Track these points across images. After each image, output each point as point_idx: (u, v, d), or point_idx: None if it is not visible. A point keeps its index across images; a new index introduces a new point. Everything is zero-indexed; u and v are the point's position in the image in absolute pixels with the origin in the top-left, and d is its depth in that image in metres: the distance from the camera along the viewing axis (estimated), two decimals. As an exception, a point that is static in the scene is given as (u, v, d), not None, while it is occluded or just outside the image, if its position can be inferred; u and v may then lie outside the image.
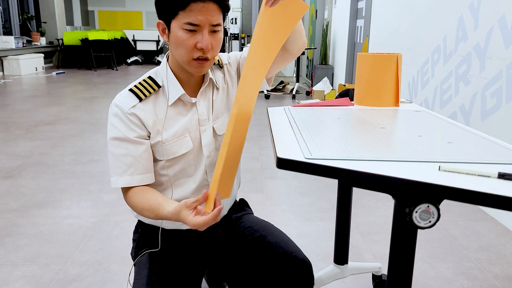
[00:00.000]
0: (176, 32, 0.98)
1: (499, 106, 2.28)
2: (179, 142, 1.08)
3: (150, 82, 1.07)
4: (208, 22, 0.96)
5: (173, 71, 1.08)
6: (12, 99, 5.90)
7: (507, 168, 0.74)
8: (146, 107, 1.05)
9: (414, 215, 0.72)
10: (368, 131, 1.01)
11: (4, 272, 1.75)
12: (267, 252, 1.14)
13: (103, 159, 3.27)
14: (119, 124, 1.03)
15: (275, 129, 1.02)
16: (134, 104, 1.04)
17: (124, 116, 1.03)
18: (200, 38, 0.97)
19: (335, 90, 5.83)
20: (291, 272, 1.12)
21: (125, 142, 1.03)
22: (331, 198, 2.57)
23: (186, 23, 0.95)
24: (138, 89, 1.06)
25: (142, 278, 1.08)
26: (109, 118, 1.06)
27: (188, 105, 1.10)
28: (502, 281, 1.74)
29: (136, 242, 1.21)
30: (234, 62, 1.20)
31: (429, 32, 3.16)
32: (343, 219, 1.51)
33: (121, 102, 1.04)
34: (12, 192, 2.60)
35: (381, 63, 1.32)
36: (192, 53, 0.98)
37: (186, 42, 0.97)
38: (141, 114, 1.04)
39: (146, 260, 1.13)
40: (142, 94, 1.05)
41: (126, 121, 1.03)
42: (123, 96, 1.05)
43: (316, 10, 7.34)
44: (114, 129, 1.04)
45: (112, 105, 1.06)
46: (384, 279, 1.61)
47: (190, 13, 0.94)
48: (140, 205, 1.01)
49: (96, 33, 10.18)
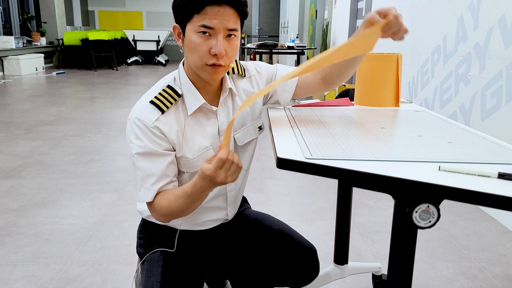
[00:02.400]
0: (190, 36, 0.94)
1: (499, 106, 2.28)
2: (203, 156, 1.05)
3: (170, 91, 1.02)
4: (223, 26, 0.92)
5: (190, 78, 1.04)
6: (12, 99, 5.90)
7: (507, 168, 0.74)
8: (168, 119, 1.00)
9: (414, 215, 0.72)
10: (368, 131, 1.01)
11: (4, 272, 1.76)
12: (273, 240, 1.17)
13: (103, 159, 3.27)
14: (143, 139, 0.98)
15: (275, 129, 1.02)
16: (157, 117, 0.99)
17: (148, 130, 0.98)
18: (215, 43, 0.93)
19: (335, 90, 5.83)
20: (297, 259, 1.15)
21: (152, 156, 0.99)
22: (331, 198, 2.57)
23: (200, 25, 0.92)
24: (159, 100, 1.00)
25: (156, 275, 1.07)
26: (130, 132, 1.00)
27: (209, 113, 1.06)
28: (502, 281, 1.74)
29: (144, 240, 1.20)
30: (264, 74, 1.17)
31: (429, 32, 3.16)
32: (343, 219, 1.51)
33: (143, 115, 0.99)
34: (12, 192, 2.60)
35: (381, 63, 1.32)
36: (206, 58, 0.95)
37: (199, 47, 0.94)
38: (165, 128, 1.00)
39: (159, 257, 1.13)
40: (163, 105, 1.00)
41: (150, 135, 0.98)
42: (143, 108, 1.00)
43: (316, 10, 7.34)
44: (138, 144, 0.99)
45: (133, 119, 0.99)
46: (384, 279, 1.61)
47: (205, 16, 0.91)
48: (167, 202, 0.98)
49: (96, 33, 10.18)
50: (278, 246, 1.16)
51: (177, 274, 1.09)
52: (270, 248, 1.14)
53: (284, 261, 1.13)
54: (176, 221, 1.14)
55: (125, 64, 11.65)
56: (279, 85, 1.17)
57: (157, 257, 1.13)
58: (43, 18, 10.74)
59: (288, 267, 1.12)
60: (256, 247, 1.18)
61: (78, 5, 12.88)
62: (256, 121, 1.16)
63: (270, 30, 13.48)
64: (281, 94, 1.20)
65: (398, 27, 0.92)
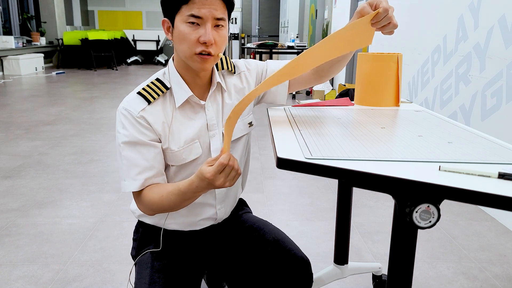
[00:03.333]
0: (179, 26, 0.96)
1: (499, 106, 2.28)
2: (189, 148, 1.06)
3: (158, 84, 1.05)
4: (211, 15, 0.95)
5: (179, 72, 1.06)
6: (12, 99, 5.90)
7: (507, 168, 0.74)
8: (154, 110, 1.03)
9: (414, 215, 0.72)
10: (368, 131, 1.00)
11: (4, 272, 1.75)
12: (266, 250, 1.15)
13: (103, 159, 3.27)
14: (129, 128, 1.01)
15: (275, 129, 1.01)
16: (143, 108, 1.01)
17: (133, 120, 1.01)
18: (203, 32, 0.95)
19: (335, 90, 5.83)
20: (290, 270, 1.12)
21: (138, 146, 1.01)
22: (331, 198, 2.57)
23: (189, 15, 0.94)
24: (146, 91, 1.03)
25: (144, 277, 1.07)
26: (117, 122, 1.03)
27: (196, 107, 1.07)
28: (502, 281, 1.74)
29: (136, 242, 1.21)
30: (254, 70, 1.18)
31: (429, 32, 3.16)
32: (343, 219, 1.51)
33: (130, 106, 1.01)
34: (12, 192, 2.60)
35: (381, 63, 1.31)
36: (195, 47, 0.96)
37: (188, 36, 0.96)
38: (150, 118, 1.02)
39: (148, 259, 1.13)
40: (150, 96, 1.02)
41: (136, 125, 1.01)
42: (131, 99, 1.03)
43: (316, 10, 7.34)
44: (124, 133, 1.01)
45: (120, 109, 1.03)
46: (384, 279, 1.61)
47: (193, 5, 0.94)
48: (158, 196, 0.99)
49: (96, 33, 10.18)
50: (271, 256, 1.14)
51: (165, 275, 1.09)
52: (263, 257, 1.13)
53: (276, 271, 1.11)
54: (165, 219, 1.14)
55: (125, 64, 11.65)
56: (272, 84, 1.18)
57: (146, 259, 1.13)
58: (42, 18, 10.73)
59: (281, 278, 1.10)
60: (250, 255, 1.16)
61: (78, 5, 12.88)
62: (245, 117, 1.17)
63: (270, 30, 13.47)
64: (275, 93, 1.22)
65: (388, 20, 0.92)
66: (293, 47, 6.04)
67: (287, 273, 1.12)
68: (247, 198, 2.51)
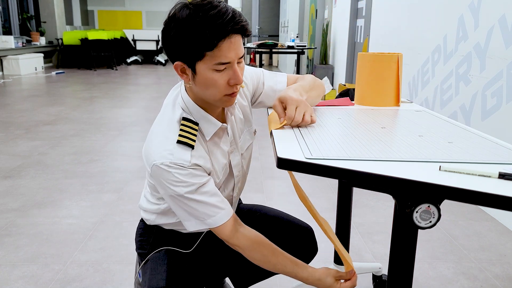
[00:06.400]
0: (205, 74, 0.92)
1: (499, 106, 2.27)
2: (224, 174, 1.09)
3: (188, 123, 0.99)
4: (236, 56, 0.92)
5: (198, 104, 1.02)
6: (12, 99, 5.90)
7: (508, 168, 0.74)
8: (198, 152, 0.99)
9: (415, 215, 0.72)
10: (368, 131, 1.00)
11: (4, 272, 1.75)
12: (270, 226, 1.23)
13: (102, 159, 3.27)
14: (188, 180, 0.96)
15: (275, 129, 1.01)
16: (190, 155, 0.97)
17: (187, 172, 0.96)
18: (232, 74, 0.93)
19: (335, 90, 5.83)
20: (295, 239, 1.21)
21: (203, 187, 0.98)
22: (331, 198, 2.57)
23: (217, 63, 0.90)
24: (184, 137, 0.97)
25: (161, 273, 1.08)
26: (166, 180, 0.96)
27: (220, 131, 1.06)
28: (502, 281, 1.73)
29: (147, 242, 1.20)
30: (250, 83, 1.17)
31: (429, 32, 3.16)
32: (343, 219, 1.51)
33: (177, 159, 0.95)
34: (11, 192, 2.59)
35: (381, 62, 1.31)
36: (226, 91, 0.94)
37: (218, 82, 0.92)
38: (200, 161, 0.98)
39: (163, 256, 1.14)
40: (191, 141, 0.97)
41: (193, 173, 0.96)
42: (173, 152, 0.96)
43: (316, 10, 7.34)
44: (183, 185, 0.96)
45: (166, 166, 0.95)
46: (384, 279, 1.61)
47: (220, 52, 0.89)
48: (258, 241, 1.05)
49: (95, 32, 10.17)
50: (275, 230, 1.21)
51: (183, 272, 1.11)
52: (268, 233, 1.15)
53: (282, 243, 1.14)
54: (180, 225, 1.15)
55: (125, 64, 11.65)
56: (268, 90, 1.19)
57: (161, 255, 1.14)
58: (42, 17, 10.73)
59: (286, 248, 1.13)
60: None
61: (78, 5, 12.88)
62: (251, 127, 1.19)
63: (270, 30, 13.47)
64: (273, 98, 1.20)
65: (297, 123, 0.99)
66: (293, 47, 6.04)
67: (293, 242, 1.20)
68: (247, 198, 2.51)
